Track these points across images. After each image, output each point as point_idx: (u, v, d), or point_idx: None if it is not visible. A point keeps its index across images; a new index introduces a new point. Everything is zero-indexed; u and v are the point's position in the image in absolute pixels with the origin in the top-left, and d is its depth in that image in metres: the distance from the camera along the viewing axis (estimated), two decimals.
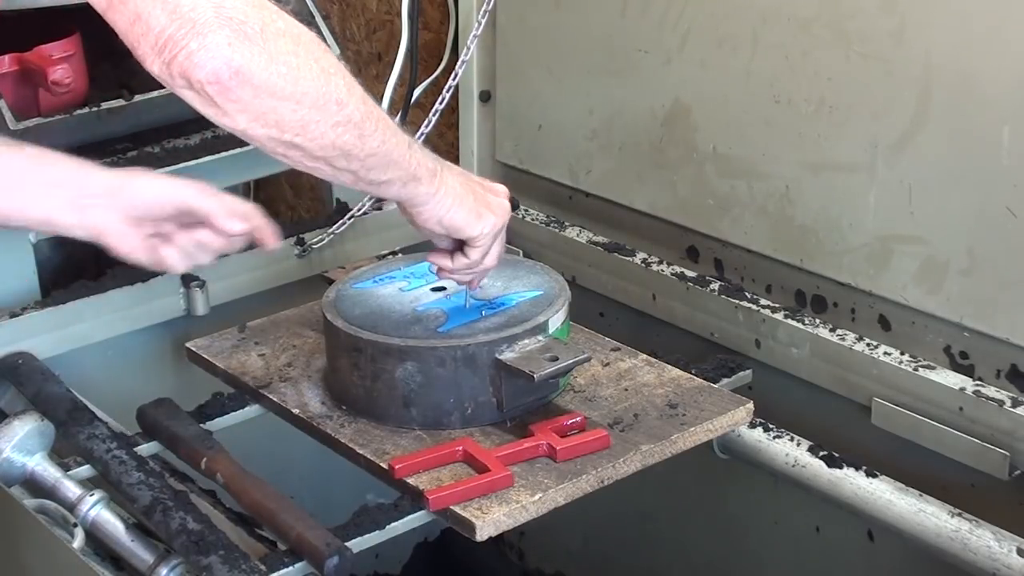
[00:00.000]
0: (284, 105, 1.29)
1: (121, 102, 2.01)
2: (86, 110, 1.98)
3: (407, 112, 2.25)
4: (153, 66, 1.25)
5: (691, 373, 1.73)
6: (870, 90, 1.71)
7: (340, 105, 1.33)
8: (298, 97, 1.30)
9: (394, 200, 1.52)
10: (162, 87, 2.19)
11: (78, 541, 1.50)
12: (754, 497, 1.99)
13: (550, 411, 1.63)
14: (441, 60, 2.35)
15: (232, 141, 2.11)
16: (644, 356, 1.75)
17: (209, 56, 1.23)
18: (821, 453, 1.71)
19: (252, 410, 1.74)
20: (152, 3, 1.22)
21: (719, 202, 1.93)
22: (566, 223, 2.17)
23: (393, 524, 1.50)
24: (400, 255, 2.01)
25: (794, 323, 1.85)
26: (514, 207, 2.22)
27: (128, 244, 1.48)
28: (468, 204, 1.54)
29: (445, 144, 2.43)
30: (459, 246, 1.58)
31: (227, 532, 1.50)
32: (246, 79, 1.25)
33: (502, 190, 1.63)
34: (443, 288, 1.71)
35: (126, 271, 2.01)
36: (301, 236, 2.11)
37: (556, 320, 1.64)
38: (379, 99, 2.26)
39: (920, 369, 1.73)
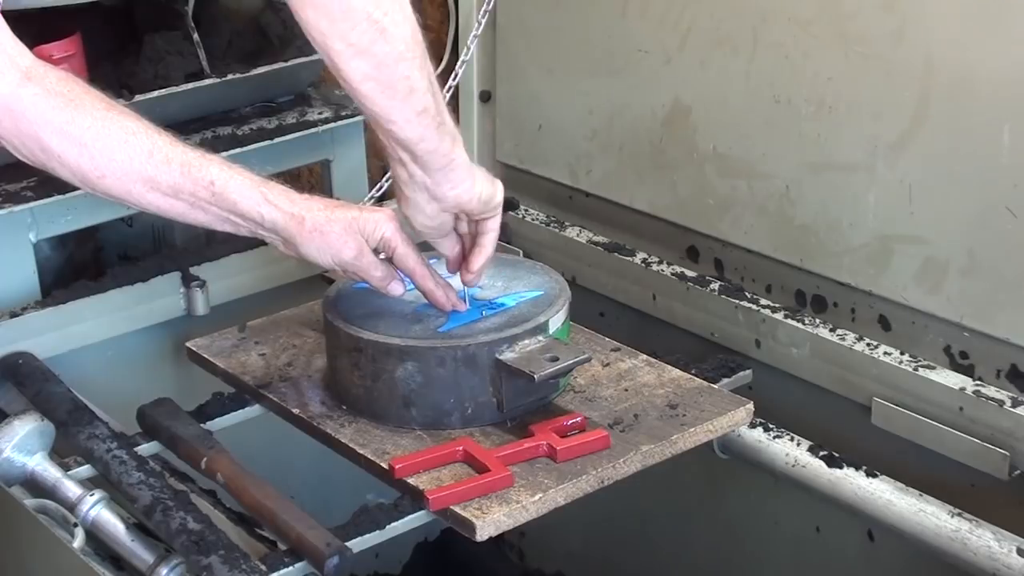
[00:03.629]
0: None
1: (121, 102, 2.00)
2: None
3: None
4: None
5: (691, 373, 1.73)
6: (870, 90, 1.71)
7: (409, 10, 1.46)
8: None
9: (434, 168, 1.54)
10: (162, 87, 2.20)
11: (78, 541, 1.50)
12: (754, 497, 1.99)
13: (550, 411, 1.63)
14: (441, 60, 2.35)
15: (232, 141, 2.12)
16: (644, 356, 1.75)
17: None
18: (821, 453, 1.71)
19: (252, 410, 1.74)
20: None
21: (719, 202, 1.93)
22: (566, 223, 2.17)
23: (393, 524, 1.50)
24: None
25: (794, 323, 1.85)
26: (514, 207, 2.23)
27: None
28: (483, 172, 1.60)
29: None
30: (462, 243, 1.62)
31: (227, 532, 1.50)
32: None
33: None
34: None
35: (126, 271, 2.02)
36: None
37: (556, 320, 1.64)
38: None
39: (920, 369, 1.73)
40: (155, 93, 2.11)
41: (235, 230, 1.55)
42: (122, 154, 1.48)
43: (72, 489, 1.58)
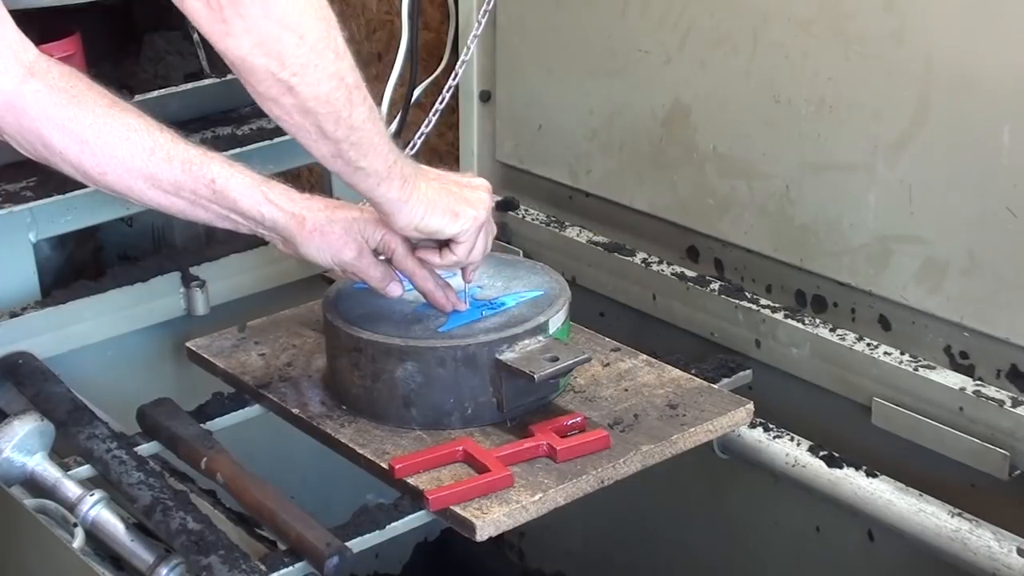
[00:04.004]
0: (289, 36, 1.32)
1: None
2: None
3: (407, 112, 2.25)
4: None
5: (691, 373, 1.73)
6: (870, 90, 1.71)
7: (338, 56, 1.37)
8: (303, 32, 1.32)
9: (367, 198, 1.52)
10: (162, 87, 2.20)
11: (78, 541, 1.50)
12: (754, 497, 1.99)
13: (550, 411, 1.63)
14: (441, 60, 2.35)
15: (232, 141, 2.12)
16: (644, 356, 1.75)
17: None
18: (821, 453, 1.71)
19: (252, 410, 1.74)
20: None
21: (719, 202, 1.93)
22: (566, 223, 2.17)
23: (393, 524, 1.50)
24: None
25: (794, 323, 1.85)
26: (514, 207, 2.23)
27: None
28: (441, 206, 1.55)
29: (445, 144, 2.43)
30: (445, 243, 1.59)
31: (227, 532, 1.50)
32: None
33: (480, 183, 1.63)
34: None
35: (126, 271, 2.02)
36: None
37: (556, 320, 1.64)
38: (379, 99, 2.26)
39: (920, 369, 1.73)
40: (155, 93, 2.11)
41: (235, 228, 1.56)
42: (123, 151, 1.48)
43: (72, 489, 1.58)
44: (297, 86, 1.36)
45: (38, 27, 1.92)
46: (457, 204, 1.56)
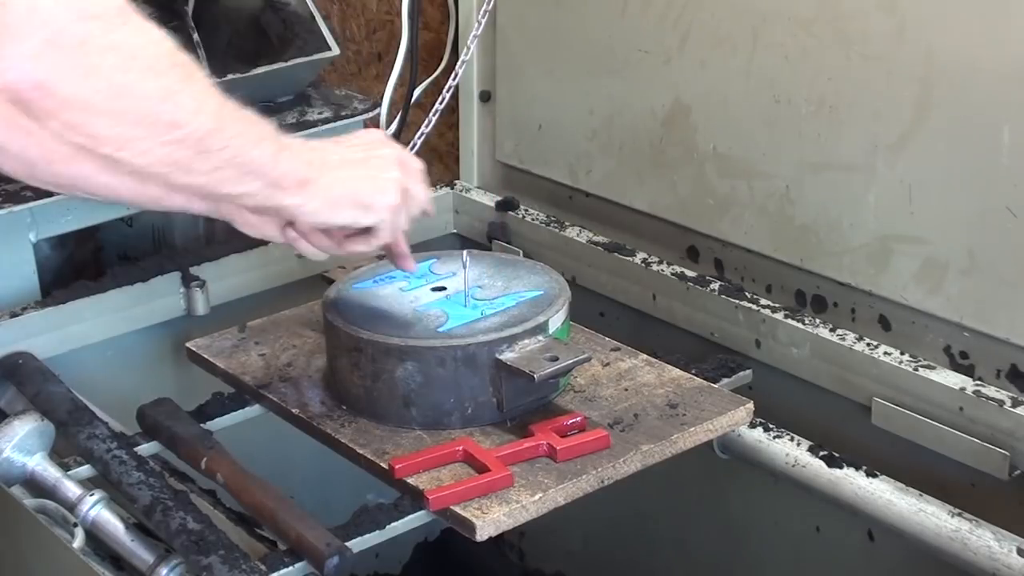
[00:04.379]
0: (99, 120, 1.18)
1: None
2: None
3: (407, 112, 2.25)
4: None
5: (691, 373, 1.73)
6: (870, 90, 1.71)
7: (174, 126, 1.22)
8: (117, 114, 1.18)
9: (268, 211, 1.43)
10: None
11: (78, 541, 1.50)
12: (754, 497, 1.99)
13: (550, 411, 1.62)
14: (441, 60, 2.35)
15: None
16: (644, 356, 1.75)
17: (6, 65, 1.11)
18: (821, 453, 1.71)
19: (252, 410, 1.74)
20: None
21: (719, 202, 1.93)
22: (566, 223, 2.17)
23: (393, 524, 1.50)
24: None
25: (794, 323, 1.85)
26: (514, 207, 2.23)
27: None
28: (348, 200, 1.45)
29: (445, 144, 2.43)
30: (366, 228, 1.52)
31: (227, 532, 1.50)
32: (50, 93, 1.13)
33: (389, 154, 1.51)
34: (443, 288, 1.71)
35: (126, 271, 2.02)
36: None
37: (556, 320, 1.64)
38: (379, 99, 2.27)
39: (920, 369, 1.73)
40: None
41: (211, 208, 1.42)
42: None
43: (72, 489, 1.58)
44: (122, 158, 1.21)
45: None
46: (366, 194, 1.47)
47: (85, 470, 1.64)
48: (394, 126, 2.26)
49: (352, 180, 1.46)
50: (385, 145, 1.54)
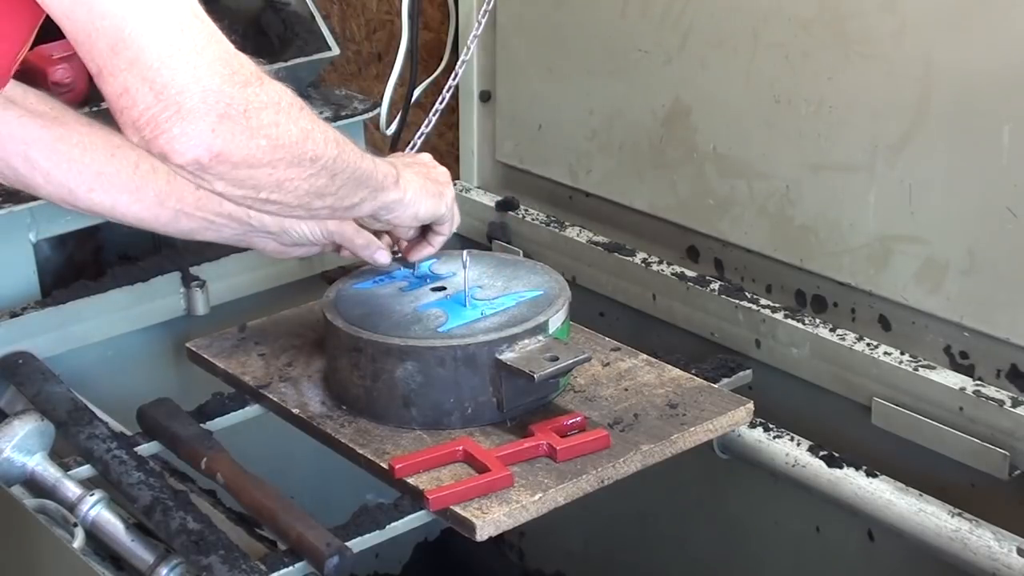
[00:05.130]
0: (261, 172, 1.29)
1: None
2: (86, 110, 1.98)
3: (407, 112, 2.25)
4: (132, 138, 1.23)
5: (691, 373, 1.73)
6: (870, 90, 1.71)
7: (314, 161, 1.34)
8: (275, 163, 1.30)
9: (369, 215, 1.54)
10: None
11: (78, 541, 1.50)
12: (754, 497, 1.99)
13: (550, 411, 1.62)
14: (441, 60, 2.35)
15: None
16: (644, 356, 1.75)
17: (191, 144, 1.21)
18: (821, 453, 1.71)
19: (252, 410, 1.74)
20: (140, 80, 1.19)
21: (719, 202, 1.93)
22: (566, 223, 2.17)
23: (393, 524, 1.50)
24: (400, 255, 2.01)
25: (794, 323, 1.85)
26: (514, 207, 2.23)
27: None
28: (428, 190, 1.60)
29: (445, 144, 2.43)
30: (425, 230, 1.67)
31: (227, 532, 1.50)
32: (225, 159, 1.24)
33: (429, 158, 1.69)
34: (443, 288, 1.71)
35: (126, 271, 2.02)
36: None
37: (556, 320, 1.64)
38: (379, 99, 2.27)
39: (920, 369, 1.73)
40: None
41: (217, 235, 1.62)
42: (110, 168, 1.53)
43: (72, 489, 1.58)
44: (278, 199, 1.34)
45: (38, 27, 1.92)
46: (435, 185, 1.62)
47: (85, 470, 1.64)
48: (394, 126, 2.26)
49: (420, 176, 1.60)
50: (423, 154, 1.70)
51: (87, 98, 1.99)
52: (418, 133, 2.14)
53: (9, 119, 1.48)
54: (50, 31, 1.96)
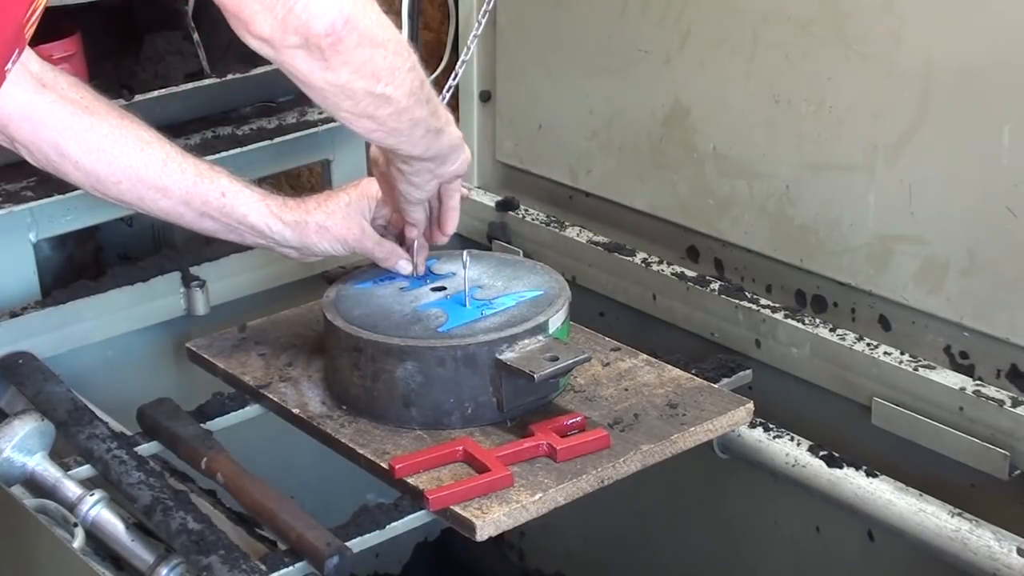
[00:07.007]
0: (378, 53, 1.36)
1: (121, 102, 2.01)
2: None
3: None
4: (264, 25, 1.29)
5: (691, 373, 1.73)
6: (870, 90, 1.71)
7: (408, 50, 1.42)
8: (385, 43, 1.37)
9: (431, 157, 1.56)
10: (162, 87, 2.20)
11: (78, 541, 1.50)
12: (754, 497, 1.99)
13: (550, 411, 1.62)
14: (441, 60, 2.35)
15: (232, 141, 2.12)
16: (644, 356, 1.75)
17: (326, 5, 1.29)
18: (821, 453, 1.71)
19: (252, 410, 1.74)
20: None
21: (719, 202, 1.93)
22: (566, 223, 2.17)
23: (393, 524, 1.50)
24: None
25: (794, 323, 1.85)
26: (514, 207, 2.23)
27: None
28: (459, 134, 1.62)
29: None
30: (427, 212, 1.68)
31: (227, 532, 1.50)
32: (354, 26, 1.32)
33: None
34: (443, 288, 1.71)
35: (126, 271, 2.02)
36: None
37: (556, 320, 1.64)
38: None
39: (920, 369, 1.73)
40: (155, 93, 2.11)
41: (240, 239, 1.64)
42: (138, 162, 1.54)
43: (72, 489, 1.58)
44: (392, 94, 1.41)
45: (38, 27, 1.92)
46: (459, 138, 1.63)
47: (85, 470, 1.64)
48: None
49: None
50: None
51: None
52: None
53: (42, 104, 1.49)
54: (50, 31, 1.97)
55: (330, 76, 1.35)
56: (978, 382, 1.69)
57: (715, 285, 1.95)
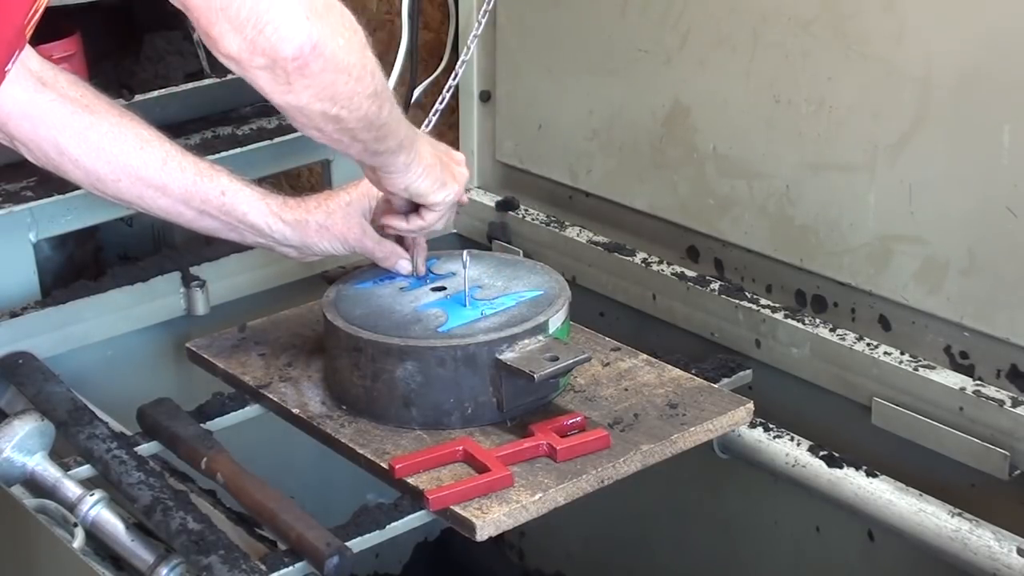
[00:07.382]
0: (340, 78, 1.36)
1: (121, 102, 2.01)
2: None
3: (407, 112, 2.25)
4: (232, 45, 1.28)
5: (691, 373, 1.73)
6: (870, 90, 1.71)
7: (372, 76, 1.41)
8: (349, 69, 1.36)
9: (372, 165, 1.56)
10: (162, 87, 2.20)
11: (78, 541, 1.50)
12: (754, 497, 1.99)
13: (550, 411, 1.63)
14: (441, 60, 2.35)
15: (232, 141, 2.12)
16: (644, 356, 1.75)
17: (296, 29, 1.29)
18: (821, 453, 1.71)
19: (252, 410, 1.74)
20: None
21: (719, 202, 1.93)
22: (566, 223, 2.17)
23: (393, 524, 1.50)
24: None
25: (794, 323, 1.85)
26: (514, 207, 2.23)
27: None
28: (435, 174, 1.61)
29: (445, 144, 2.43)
30: (414, 208, 1.66)
31: (227, 532, 1.50)
32: (320, 52, 1.31)
33: (462, 159, 1.70)
34: (443, 288, 1.71)
35: (126, 271, 2.02)
36: None
37: (556, 320, 1.64)
38: None
39: (920, 369, 1.73)
40: (155, 93, 2.11)
41: (240, 238, 1.64)
42: (138, 160, 1.55)
43: (72, 489, 1.58)
44: (344, 116, 1.40)
45: (38, 27, 1.92)
46: (445, 174, 1.63)
47: (85, 470, 1.64)
48: None
49: (438, 156, 1.63)
50: (457, 153, 1.72)
51: None
52: None
53: (42, 102, 1.49)
54: (50, 31, 1.97)
55: (291, 98, 1.35)
56: (978, 382, 1.69)
57: (715, 285, 1.95)
